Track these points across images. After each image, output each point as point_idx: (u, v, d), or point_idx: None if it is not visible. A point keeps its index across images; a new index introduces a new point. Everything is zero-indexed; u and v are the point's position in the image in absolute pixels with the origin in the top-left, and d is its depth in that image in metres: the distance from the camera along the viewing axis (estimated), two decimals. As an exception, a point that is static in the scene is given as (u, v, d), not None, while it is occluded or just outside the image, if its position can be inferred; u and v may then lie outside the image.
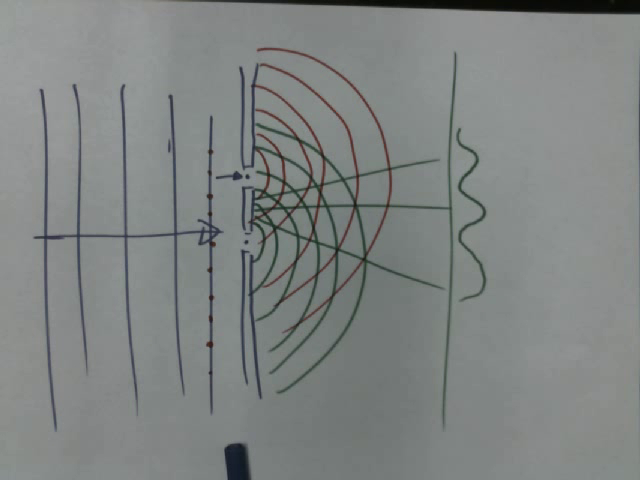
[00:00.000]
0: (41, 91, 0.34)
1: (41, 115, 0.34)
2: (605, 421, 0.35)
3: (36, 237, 0.34)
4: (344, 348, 0.35)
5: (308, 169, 0.35)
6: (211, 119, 0.34)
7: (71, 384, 0.34)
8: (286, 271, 0.35)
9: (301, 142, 0.35)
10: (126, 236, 0.34)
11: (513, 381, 0.35)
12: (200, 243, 0.34)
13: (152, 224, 0.34)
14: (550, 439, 0.35)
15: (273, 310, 0.35)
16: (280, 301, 0.35)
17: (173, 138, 0.34)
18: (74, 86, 0.34)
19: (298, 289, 0.35)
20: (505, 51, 0.35)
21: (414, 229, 0.35)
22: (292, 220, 0.35)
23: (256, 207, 0.35)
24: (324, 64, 0.35)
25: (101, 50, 0.34)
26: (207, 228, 0.35)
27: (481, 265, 0.35)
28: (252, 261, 0.35)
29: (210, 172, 0.34)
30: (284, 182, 0.35)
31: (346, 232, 0.35)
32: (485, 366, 0.35)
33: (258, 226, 0.35)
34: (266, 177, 0.35)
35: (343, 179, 0.35)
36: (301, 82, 0.35)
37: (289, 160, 0.35)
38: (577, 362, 0.35)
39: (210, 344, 0.35)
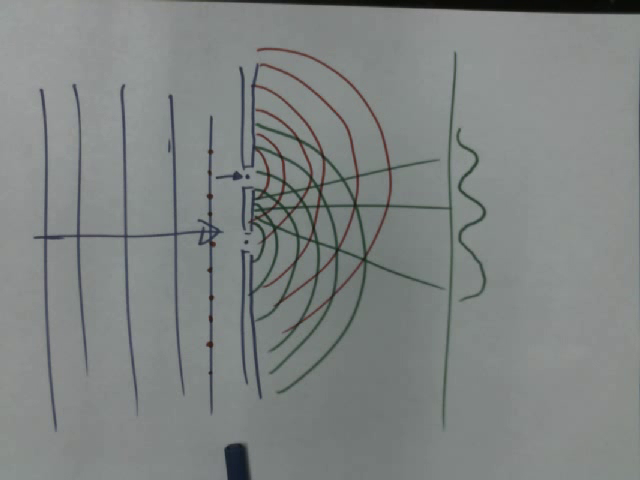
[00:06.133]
0: (41, 91, 0.34)
1: (41, 115, 0.34)
2: (605, 421, 0.35)
3: (36, 237, 0.34)
4: (344, 348, 0.35)
5: (308, 169, 0.35)
6: (211, 119, 0.34)
7: (71, 384, 0.34)
8: (286, 271, 0.35)
9: (301, 142, 0.35)
10: (126, 236, 0.34)
11: (513, 381, 0.35)
12: (200, 243, 0.34)
13: (152, 224, 0.34)
14: (550, 439, 0.35)
15: (273, 310, 0.35)
16: (280, 301, 0.35)
17: (173, 138, 0.34)
18: (74, 86, 0.34)
19: (298, 289, 0.35)
20: (505, 51, 0.35)
21: (414, 229, 0.35)
22: (292, 220, 0.35)
23: (256, 207, 0.35)
24: (324, 64, 0.35)
25: (101, 50, 0.34)
26: (207, 228, 0.34)
27: (481, 265, 0.35)
28: (252, 261, 0.35)
29: (210, 172, 0.34)
30: (284, 182, 0.35)
31: (346, 232, 0.35)
32: (485, 366, 0.35)
33: (258, 226, 0.35)
34: (266, 177, 0.35)
35: (343, 179, 0.35)
36: (301, 82, 0.34)
37: (289, 160, 0.35)
38: (577, 362, 0.35)
39: (210, 344, 0.35)
